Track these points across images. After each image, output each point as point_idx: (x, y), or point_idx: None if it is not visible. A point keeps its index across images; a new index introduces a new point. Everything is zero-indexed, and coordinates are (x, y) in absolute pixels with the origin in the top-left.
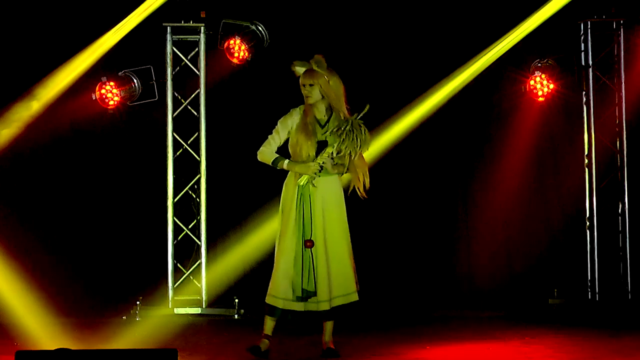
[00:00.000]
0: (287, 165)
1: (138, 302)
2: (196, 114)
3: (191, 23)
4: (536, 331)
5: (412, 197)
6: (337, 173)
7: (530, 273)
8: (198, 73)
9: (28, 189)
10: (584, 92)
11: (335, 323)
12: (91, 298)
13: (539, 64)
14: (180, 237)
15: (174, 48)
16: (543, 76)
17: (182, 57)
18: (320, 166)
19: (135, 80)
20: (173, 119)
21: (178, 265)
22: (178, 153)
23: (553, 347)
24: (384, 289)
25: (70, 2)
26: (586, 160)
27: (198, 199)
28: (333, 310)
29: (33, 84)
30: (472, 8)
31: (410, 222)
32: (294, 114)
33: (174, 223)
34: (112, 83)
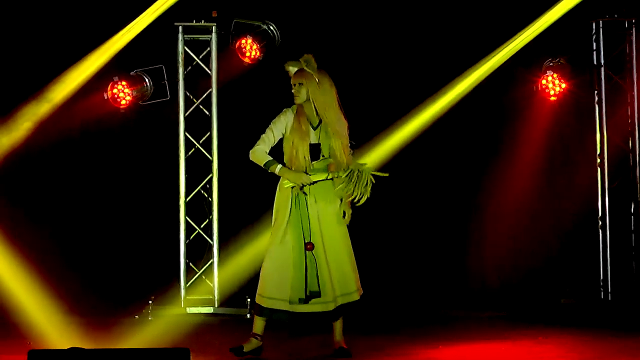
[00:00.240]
0: (279, 170)
1: (150, 302)
2: (208, 114)
3: (203, 23)
4: (548, 331)
5: (424, 197)
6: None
7: (542, 273)
8: (210, 72)
9: (40, 189)
10: (596, 92)
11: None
12: (104, 297)
13: (551, 64)
14: (192, 237)
15: (186, 47)
16: (555, 75)
17: (194, 57)
18: (312, 181)
19: (147, 79)
20: (185, 119)
21: (190, 264)
22: (190, 153)
23: (565, 347)
24: (395, 289)
25: (82, 2)
26: (598, 159)
27: (210, 199)
28: (338, 309)
29: (45, 84)
30: (484, 7)
31: (421, 222)
32: (288, 114)
33: (186, 222)
34: (124, 82)
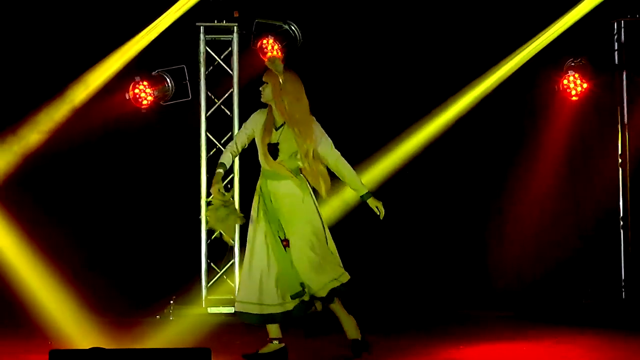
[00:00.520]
0: (215, 176)
1: (172, 302)
2: (229, 114)
3: (224, 23)
4: (569, 331)
5: (445, 196)
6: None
7: (563, 273)
8: (231, 72)
9: (62, 189)
10: (618, 92)
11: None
12: (125, 297)
13: (572, 63)
14: (213, 237)
15: (207, 48)
16: (576, 75)
17: (215, 57)
18: (209, 202)
19: (168, 79)
20: (206, 119)
21: (211, 264)
22: (211, 153)
23: (586, 347)
24: (416, 289)
25: (104, 2)
26: (619, 159)
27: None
28: (330, 294)
29: (67, 84)
30: (506, 8)
31: (442, 222)
32: (260, 113)
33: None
34: (146, 82)
